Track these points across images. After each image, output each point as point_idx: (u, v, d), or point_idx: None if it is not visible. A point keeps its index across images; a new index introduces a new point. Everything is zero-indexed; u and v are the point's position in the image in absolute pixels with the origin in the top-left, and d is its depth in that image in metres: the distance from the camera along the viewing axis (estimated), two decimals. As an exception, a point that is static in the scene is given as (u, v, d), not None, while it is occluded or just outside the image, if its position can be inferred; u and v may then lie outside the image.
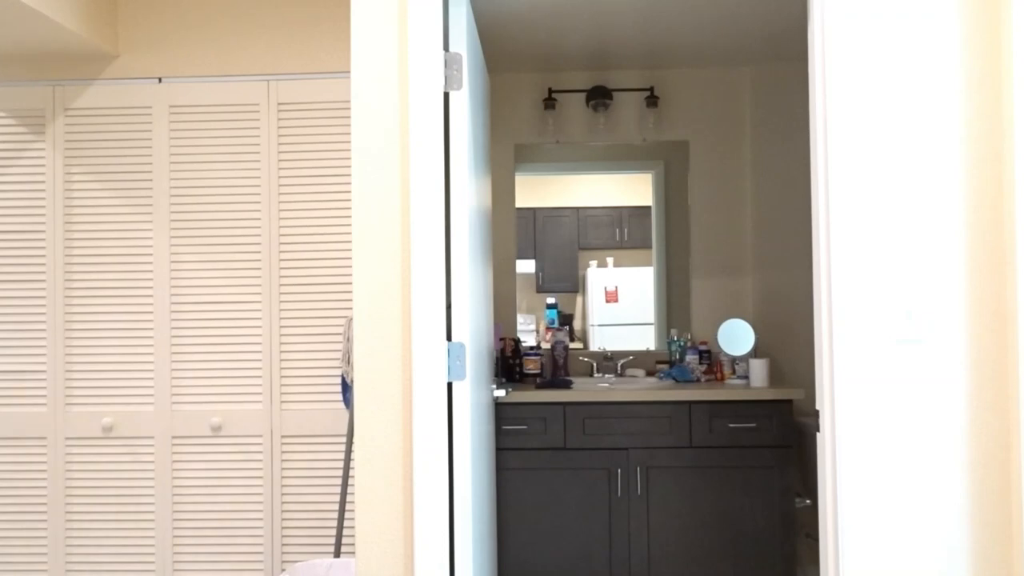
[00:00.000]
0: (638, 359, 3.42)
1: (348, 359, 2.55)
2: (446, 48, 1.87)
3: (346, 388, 2.57)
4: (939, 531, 1.75)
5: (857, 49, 1.78)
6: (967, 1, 1.77)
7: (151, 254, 2.70)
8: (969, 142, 1.77)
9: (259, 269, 2.68)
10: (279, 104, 2.68)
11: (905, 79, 1.78)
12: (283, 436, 2.67)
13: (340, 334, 2.66)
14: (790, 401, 2.84)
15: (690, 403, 2.85)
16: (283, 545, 2.67)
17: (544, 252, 3.53)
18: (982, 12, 1.77)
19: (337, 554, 2.52)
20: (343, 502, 2.53)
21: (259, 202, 2.69)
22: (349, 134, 2.69)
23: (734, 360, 3.15)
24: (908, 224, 1.77)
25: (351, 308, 1.83)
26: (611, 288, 3.52)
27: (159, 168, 2.70)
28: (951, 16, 1.78)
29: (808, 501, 3.11)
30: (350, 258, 2.67)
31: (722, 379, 3.13)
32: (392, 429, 1.80)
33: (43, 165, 2.72)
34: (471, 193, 1.99)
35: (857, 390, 1.76)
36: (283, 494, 2.67)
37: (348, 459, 2.53)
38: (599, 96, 3.37)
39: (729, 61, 3.36)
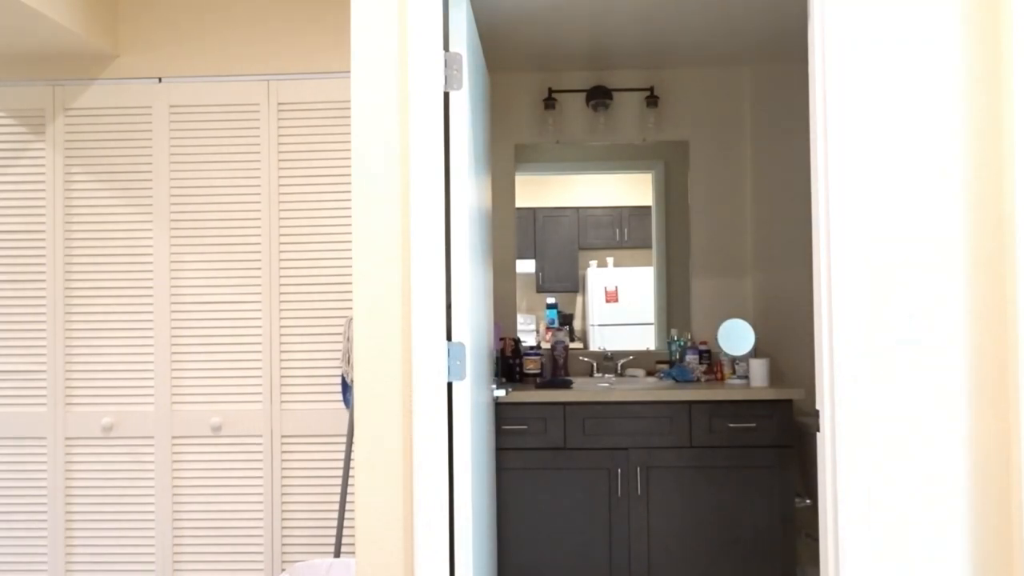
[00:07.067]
0: (638, 359, 3.42)
1: (348, 359, 2.55)
2: (446, 48, 1.87)
3: (346, 388, 2.57)
4: (939, 531, 1.75)
5: (857, 49, 1.78)
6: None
7: (151, 254, 2.70)
8: (969, 141, 1.77)
9: (259, 269, 2.68)
10: (279, 104, 2.68)
11: (906, 79, 1.78)
12: (283, 436, 2.67)
13: (340, 334, 2.66)
14: (790, 401, 2.84)
15: (690, 403, 2.85)
16: (283, 545, 2.67)
17: (544, 252, 3.53)
18: (982, 11, 1.77)
19: (337, 554, 2.52)
20: (343, 502, 2.53)
21: (259, 202, 2.69)
22: (349, 134, 2.69)
23: (734, 360, 3.15)
24: (908, 223, 1.77)
25: (351, 308, 1.83)
26: (611, 288, 3.52)
27: (159, 168, 2.70)
28: (952, 15, 1.78)
29: (808, 501, 3.11)
30: (350, 258, 2.67)
31: (722, 379, 3.13)
32: (392, 429, 1.80)
33: (43, 165, 2.72)
34: (471, 193, 1.99)
35: (857, 390, 1.76)
36: (283, 494, 2.67)
37: (348, 459, 2.53)
38: (599, 96, 3.37)
39: (729, 61, 3.36)
